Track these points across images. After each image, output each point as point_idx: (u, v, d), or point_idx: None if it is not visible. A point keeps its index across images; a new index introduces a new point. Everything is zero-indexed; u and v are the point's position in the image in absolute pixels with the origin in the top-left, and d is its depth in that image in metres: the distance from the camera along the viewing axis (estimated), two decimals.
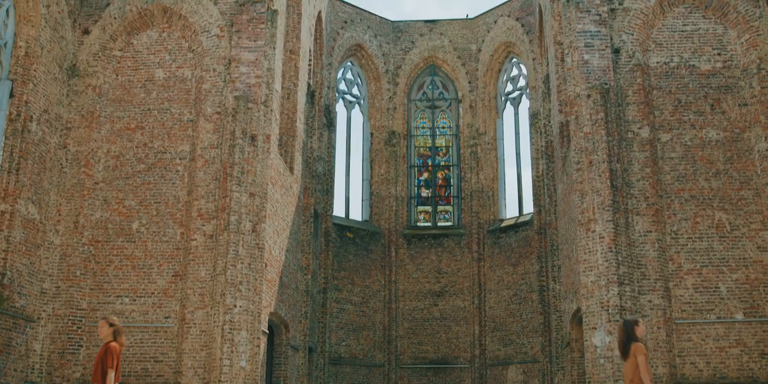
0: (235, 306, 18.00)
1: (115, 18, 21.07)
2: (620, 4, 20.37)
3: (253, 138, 19.25)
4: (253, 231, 18.71)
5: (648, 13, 20.25)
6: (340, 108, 30.61)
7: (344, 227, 28.52)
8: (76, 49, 20.86)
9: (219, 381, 17.51)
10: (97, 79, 20.59)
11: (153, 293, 19.10)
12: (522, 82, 30.30)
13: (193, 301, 18.59)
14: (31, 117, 18.65)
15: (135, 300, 19.08)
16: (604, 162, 18.63)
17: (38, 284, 18.64)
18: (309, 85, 25.57)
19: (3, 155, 17.98)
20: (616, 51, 19.93)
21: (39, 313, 18.57)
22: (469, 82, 30.86)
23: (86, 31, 21.04)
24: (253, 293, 18.39)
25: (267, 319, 19.68)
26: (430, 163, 31.26)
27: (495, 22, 30.49)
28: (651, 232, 18.51)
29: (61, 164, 19.81)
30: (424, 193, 30.97)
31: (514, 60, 30.45)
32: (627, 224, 18.44)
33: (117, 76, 20.87)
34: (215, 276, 18.43)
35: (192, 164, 19.72)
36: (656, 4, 20.32)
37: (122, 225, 19.65)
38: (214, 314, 18.12)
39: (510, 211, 29.60)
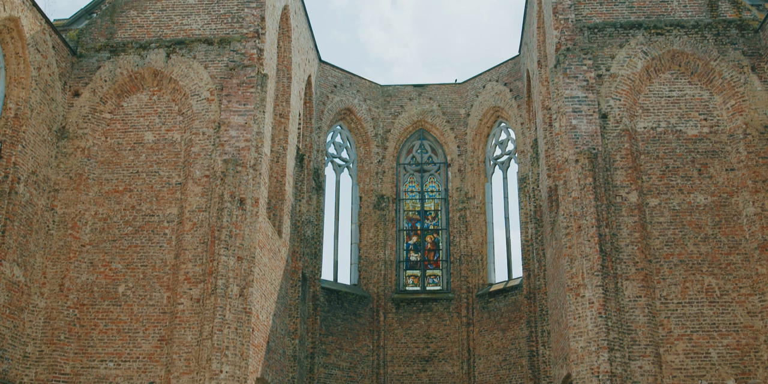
0: (221, 371, 17.74)
1: (105, 81, 21.20)
2: (607, 70, 20.58)
3: (241, 201, 19.22)
4: (240, 295, 18.54)
5: (635, 79, 20.46)
6: (329, 171, 30.67)
7: (332, 291, 28.31)
8: (66, 111, 20.94)
9: None
10: (86, 141, 20.61)
11: (138, 358, 18.83)
12: (510, 147, 30.44)
13: (178, 366, 18.32)
14: (19, 178, 18.60)
15: (120, 365, 18.79)
16: (592, 227, 18.61)
17: (21, 348, 18.37)
18: (298, 149, 25.66)
19: None
20: (604, 116, 20.06)
21: (21, 378, 18.26)
22: (458, 146, 30.99)
23: (76, 94, 21.15)
24: (240, 359, 18.15)
25: None
26: (419, 227, 31.20)
27: (483, 86, 30.77)
28: (641, 297, 18.40)
29: (48, 226, 19.70)
30: (413, 257, 30.84)
31: (503, 124, 30.63)
32: (616, 289, 18.34)
33: (106, 138, 20.91)
34: (201, 341, 18.20)
35: (180, 227, 19.63)
36: (643, 71, 20.54)
37: (108, 288, 19.46)
38: (200, 380, 17.84)
39: (499, 276, 29.48)
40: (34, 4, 19.39)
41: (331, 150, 31.04)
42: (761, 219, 18.81)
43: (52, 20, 20.69)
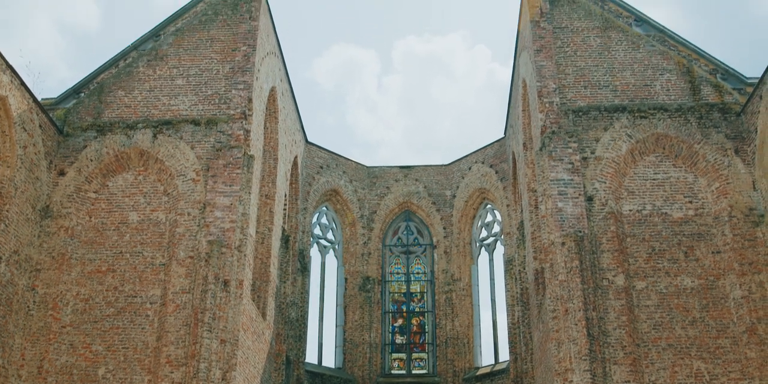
0: None
1: (91, 160, 21.19)
2: (592, 152, 20.71)
3: (225, 283, 19.02)
4: (222, 379, 18.19)
5: (619, 161, 20.58)
6: (314, 253, 30.48)
7: (317, 375, 27.86)
8: (51, 190, 20.86)
9: None
10: (70, 220, 20.48)
11: None
12: (496, 229, 30.41)
13: None
14: (0, 258, 18.39)
15: None
16: (580, 310, 18.46)
17: None
18: (284, 230, 25.55)
19: None
20: (590, 199, 20.10)
21: None
22: (444, 228, 30.95)
23: (62, 173, 21.11)
24: None
25: None
26: (404, 310, 30.91)
27: (469, 168, 30.90)
28: (629, 382, 18.11)
29: (28, 306, 19.41)
30: (399, 339, 30.47)
31: (489, 206, 30.67)
32: (605, 374, 18.08)
33: (90, 218, 20.79)
34: None
35: (162, 309, 19.36)
36: (627, 153, 20.68)
37: (88, 371, 19.06)
38: None
39: (486, 359, 29.11)
40: (22, 84, 19.49)
41: (317, 231, 30.95)
42: (749, 302, 18.71)
43: (39, 99, 20.76)
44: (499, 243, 30.25)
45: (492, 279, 30.23)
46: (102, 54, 56.27)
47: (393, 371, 29.84)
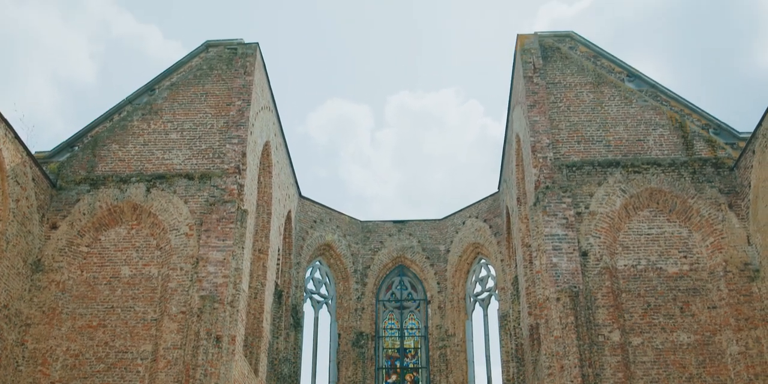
0: None
1: (84, 214, 21.10)
2: (586, 207, 20.69)
3: (217, 339, 18.80)
4: None
5: (614, 216, 20.55)
6: (307, 308, 30.26)
7: None
8: (42, 243, 20.73)
9: None
10: (61, 274, 20.32)
11: None
12: (491, 283, 30.26)
13: None
14: None
15: None
16: (575, 367, 18.26)
17: None
18: (277, 285, 25.39)
19: None
20: (584, 254, 20.03)
21: None
22: (438, 283, 30.78)
23: (54, 226, 21.00)
24: None
25: None
26: (398, 365, 30.58)
27: (463, 223, 30.85)
28: None
29: (17, 362, 19.14)
30: None
31: (483, 261, 30.55)
32: None
33: (82, 272, 20.63)
34: None
35: (154, 365, 19.10)
36: (621, 208, 20.67)
37: None
38: None
39: None
40: (16, 137, 19.49)
41: (310, 286, 30.74)
42: (746, 358, 18.53)
43: (33, 152, 20.76)
44: (493, 298, 30.08)
45: (486, 334, 30.00)
46: (97, 107, 56.69)
47: None
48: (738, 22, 57.00)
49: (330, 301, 30.97)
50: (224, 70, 23.44)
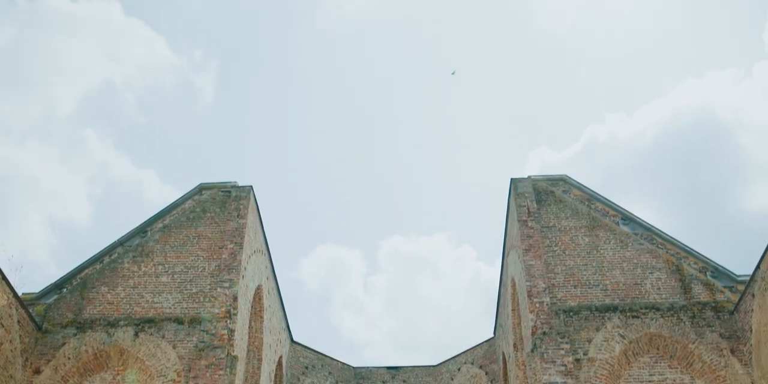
0: None
1: (69, 358, 20.53)
2: (585, 354, 20.20)
3: None
4: None
5: (613, 363, 20.05)
6: None
7: None
8: None
9: None
10: None
11: None
12: None
13: None
14: None
15: None
16: None
17: None
18: None
19: None
20: None
21: None
22: None
23: (37, 371, 20.40)
24: None
25: None
26: None
27: (458, 369, 30.18)
28: None
29: None
30: None
31: None
32: None
33: None
34: None
35: None
36: (621, 354, 20.19)
37: None
38: None
39: None
40: (3, 278, 19.19)
41: None
42: None
43: (20, 294, 20.38)
44: None
45: None
46: (90, 249, 56.53)
47: None
48: (727, 163, 57.91)
49: None
50: (217, 213, 23.37)
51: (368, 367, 31.70)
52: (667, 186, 60.15)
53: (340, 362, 31.17)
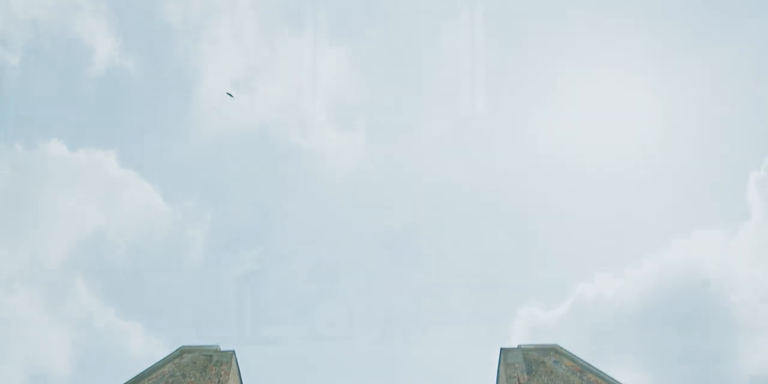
0: None
1: None
2: None
3: None
4: None
5: None
6: None
7: None
8: None
9: None
10: None
11: None
12: None
13: None
14: None
15: None
16: None
17: None
18: None
19: None
20: None
21: None
22: None
23: None
24: None
25: None
26: None
27: None
28: None
29: None
30: None
31: None
32: None
33: None
34: None
35: None
36: None
37: None
38: None
39: None
40: None
41: None
42: None
43: None
44: None
45: None
46: None
47: None
48: (717, 323, 57.58)
49: None
50: (197, 378, 22.69)
51: None
52: (657, 346, 59.51)
53: None
